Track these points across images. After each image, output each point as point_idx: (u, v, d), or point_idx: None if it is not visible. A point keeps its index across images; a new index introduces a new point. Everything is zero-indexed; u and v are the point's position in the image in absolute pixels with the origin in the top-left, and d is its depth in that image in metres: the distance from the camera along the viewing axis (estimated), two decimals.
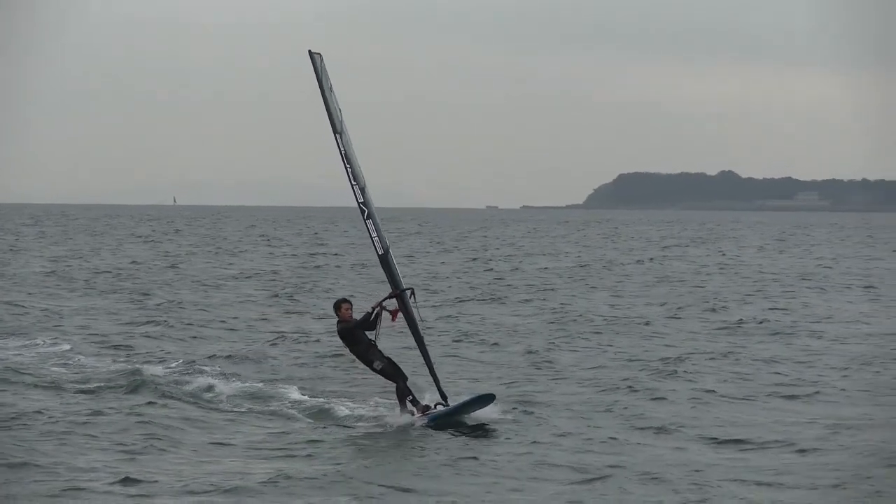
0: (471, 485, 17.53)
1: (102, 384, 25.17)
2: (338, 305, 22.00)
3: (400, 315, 21.69)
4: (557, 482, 17.56)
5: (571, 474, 18.02)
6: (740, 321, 38.28)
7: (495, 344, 32.38)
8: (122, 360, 28.74)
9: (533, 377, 27.00)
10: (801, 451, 19.75)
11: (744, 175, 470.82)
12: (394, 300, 21.71)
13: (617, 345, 32.53)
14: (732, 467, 18.54)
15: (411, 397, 21.64)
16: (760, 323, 37.88)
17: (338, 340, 32.67)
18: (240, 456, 19.08)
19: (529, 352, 30.84)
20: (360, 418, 22.05)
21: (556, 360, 29.56)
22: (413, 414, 21.40)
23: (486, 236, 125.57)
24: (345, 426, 21.57)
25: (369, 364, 21.75)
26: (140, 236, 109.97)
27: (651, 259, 77.89)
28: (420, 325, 21.94)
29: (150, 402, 23.13)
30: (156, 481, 17.17)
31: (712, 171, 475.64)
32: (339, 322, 21.93)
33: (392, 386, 21.94)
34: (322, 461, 18.73)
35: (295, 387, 24.83)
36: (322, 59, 21.87)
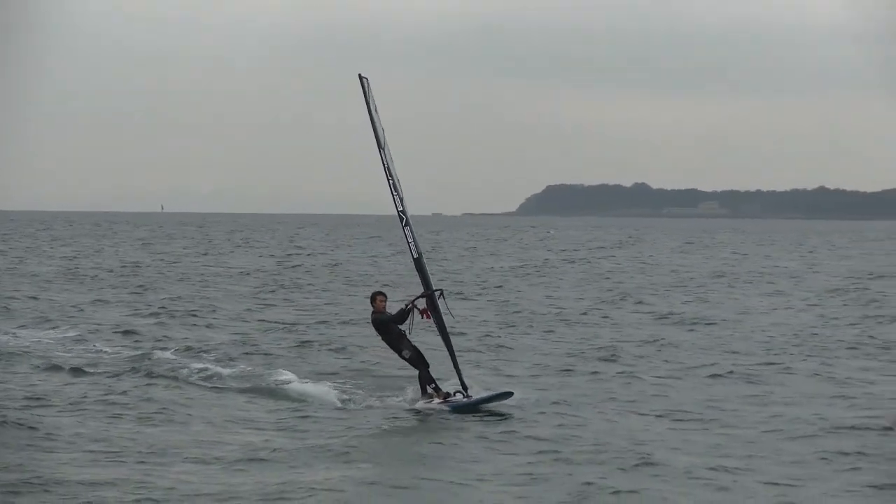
0: (438, 452, 17.44)
1: (112, 367, 24.95)
2: (374, 297, 21.10)
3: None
4: (512, 453, 17.45)
5: (524, 444, 17.94)
6: (661, 313, 38.35)
7: (451, 332, 32.16)
8: (128, 345, 28.47)
9: (487, 362, 26.91)
10: (718, 424, 19.70)
11: (654, 186, 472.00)
12: (423, 299, 20.95)
13: (557, 333, 32.50)
14: (662, 439, 18.48)
15: (433, 385, 20.91)
16: (680, 314, 37.97)
17: (318, 328, 32.85)
18: (236, 430, 18.87)
19: (482, 339, 30.74)
20: (341, 397, 21.87)
21: (505, 345, 29.49)
22: (431, 399, 20.79)
23: (437, 239, 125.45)
24: (328, 404, 21.38)
25: (399, 352, 20.93)
26: (139, 239, 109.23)
27: (582, 259, 78.05)
28: (447, 322, 21.26)
29: (155, 384, 22.93)
30: (162, 452, 16.96)
31: (627, 183, 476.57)
32: (373, 312, 20.95)
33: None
34: (308, 434, 18.56)
35: (282, 369, 24.62)
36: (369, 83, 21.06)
